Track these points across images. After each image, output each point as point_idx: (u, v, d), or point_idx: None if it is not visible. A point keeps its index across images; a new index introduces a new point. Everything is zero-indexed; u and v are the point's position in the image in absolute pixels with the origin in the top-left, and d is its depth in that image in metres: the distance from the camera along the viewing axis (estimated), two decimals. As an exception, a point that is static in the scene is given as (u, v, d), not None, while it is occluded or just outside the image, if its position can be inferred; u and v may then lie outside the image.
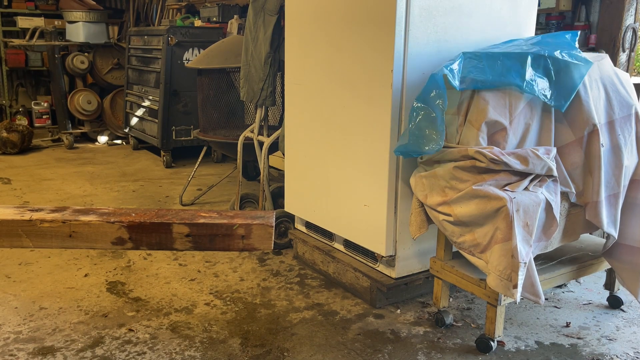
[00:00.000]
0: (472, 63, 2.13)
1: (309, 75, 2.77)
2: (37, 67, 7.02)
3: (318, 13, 2.66)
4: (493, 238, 2.00)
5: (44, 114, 6.86)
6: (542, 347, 2.24)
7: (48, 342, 2.24)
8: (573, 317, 2.47)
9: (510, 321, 2.42)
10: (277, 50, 3.13)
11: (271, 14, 3.10)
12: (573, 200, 2.19)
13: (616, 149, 2.20)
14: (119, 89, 6.36)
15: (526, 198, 1.98)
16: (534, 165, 2.04)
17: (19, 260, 3.07)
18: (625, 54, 3.01)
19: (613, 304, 2.55)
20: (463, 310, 2.52)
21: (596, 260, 2.40)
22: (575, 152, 2.18)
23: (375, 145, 2.40)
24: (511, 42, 2.36)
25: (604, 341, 2.29)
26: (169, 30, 5.06)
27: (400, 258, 2.48)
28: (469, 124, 2.12)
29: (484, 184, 2.03)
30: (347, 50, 2.50)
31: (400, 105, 2.32)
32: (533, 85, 2.08)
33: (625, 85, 2.28)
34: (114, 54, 6.72)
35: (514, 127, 2.11)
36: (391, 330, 2.36)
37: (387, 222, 2.41)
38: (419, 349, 2.21)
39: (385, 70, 2.30)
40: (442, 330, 2.35)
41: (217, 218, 1.47)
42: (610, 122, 2.21)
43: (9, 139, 5.72)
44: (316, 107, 2.74)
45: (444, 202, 2.11)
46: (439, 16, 2.34)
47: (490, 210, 1.99)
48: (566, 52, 2.12)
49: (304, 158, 2.90)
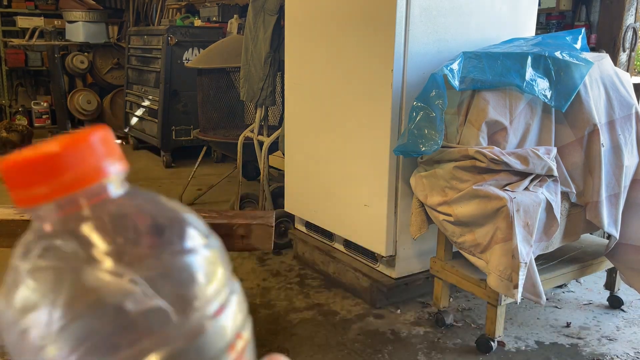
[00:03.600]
0: (472, 63, 2.12)
1: (309, 75, 2.77)
2: (37, 67, 7.02)
3: (318, 13, 2.65)
4: (493, 238, 2.00)
5: (44, 114, 6.86)
6: (543, 347, 2.23)
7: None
8: (573, 317, 2.47)
9: (510, 321, 2.42)
10: (277, 50, 3.13)
11: (271, 14, 3.09)
12: (573, 200, 2.19)
13: (616, 148, 2.20)
14: (119, 88, 6.36)
15: (526, 198, 1.98)
16: (535, 165, 2.04)
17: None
18: (626, 54, 3.01)
19: (613, 304, 2.55)
20: (463, 311, 2.52)
21: (597, 260, 2.39)
22: (576, 152, 2.18)
23: (376, 144, 2.40)
24: (511, 41, 2.36)
25: (604, 341, 2.28)
26: (169, 30, 5.05)
27: (400, 258, 2.47)
28: (469, 123, 2.12)
29: (484, 184, 2.03)
30: (347, 50, 2.49)
31: (400, 105, 2.32)
32: (533, 85, 2.07)
33: (626, 85, 2.28)
34: (114, 53, 6.72)
35: (514, 127, 2.11)
36: (391, 330, 2.36)
37: (387, 222, 2.41)
38: (419, 349, 2.21)
39: (386, 69, 2.29)
40: (442, 331, 2.34)
41: (216, 218, 1.46)
42: (611, 122, 2.21)
43: (9, 139, 5.72)
44: (316, 106, 2.74)
45: (444, 202, 2.11)
46: (439, 16, 2.33)
47: (491, 210, 1.98)
48: (567, 52, 2.12)
49: (304, 158, 2.89)
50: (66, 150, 0.26)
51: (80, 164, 0.26)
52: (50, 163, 0.25)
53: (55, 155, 0.25)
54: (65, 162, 0.26)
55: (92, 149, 0.26)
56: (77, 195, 0.26)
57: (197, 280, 0.26)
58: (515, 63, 2.09)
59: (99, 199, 0.27)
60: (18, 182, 0.26)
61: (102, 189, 0.27)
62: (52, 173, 0.25)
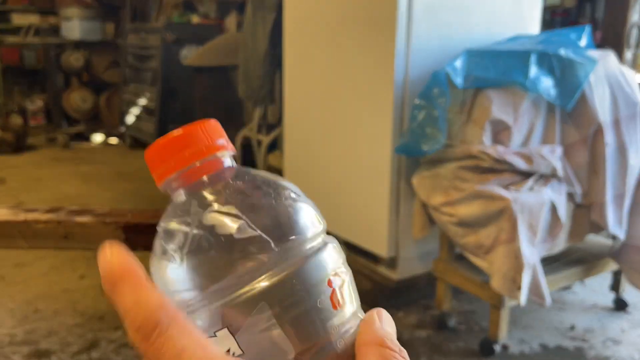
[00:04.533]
0: (475, 61, 2.09)
1: (309, 73, 2.73)
2: (32, 65, 6.95)
3: (318, 8, 2.61)
4: (497, 239, 1.96)
5: (39, 113, 6.79)
6: (547, 350, 2.20)
7: (43, 345, 2.19)
8: (578, 319, 2.44)
9: (514, 323, 2.38)
10: (276, 47, 3.09)
11: (270, 11, 3.05)
12: (578, 200, 2.15)
13: (622, 148, 2.17)
14: (115, 87, 6.31)
15: (531, 198, 1.95)
16: (539, 165, 2.01)
17: (14, 262, 3.01)
18: (631, 52, 2.97)
19: (618, 306, 2.52)
20: (466, 313, 2.48)
21: (601, 262, 2.36)
22: (580, 152, 2.14)
23: (377, 144, 2.36)
24: (515, 39, 2.32)
25: (609, 344, 2.25)
26: (166, 27, 5.01)
27: (402, 260, 2.43)
28: (472, 122, 2.08)
29: (488, 183, 1.99)
30: (348, 47, 2.45)
31: (402, 103, 2.28)
32: (537, 83, 2.04)
33: (631, 83, 2.25)
34: (110, 51, 6.66)
35: (518, 126, 2.08)
36: (393, 332, 2.31)
37: (389, 223, 2.37)
38: (421, 352, 2.17)
39: (387, 66, 2.25)
40: (444, 333, 2.31)
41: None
42: (616, 120, 2.18)
43: (3, 138, 5.66)
44: (316, 105, 2.70)
45: (447, 202, 2.07)
46: (442, 12, 2.29)
47: (494, 211, 1.95)
48: (571, 50, 2.09)
49: (303, 157, 2.85)
50: (186, 133, 0.33)
51: (197, 142, 0.33)
52: (174, 143, 0.33)
53: (178, 137, 0.33)
54: (185, 142, 0.33)
55: (206, 132, 0.34)
56: (196, 167, 0.33)
57: (293, 222, 0.32)
58: (519, 61, 2.05)
59: (214, 169, 0.33)
60: (155, 164, 0.34)
61: (217, 161, 0.34)
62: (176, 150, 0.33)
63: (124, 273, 0.29)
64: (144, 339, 0.28)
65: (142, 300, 0.28)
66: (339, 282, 0.32)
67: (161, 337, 0.27)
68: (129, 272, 0.29)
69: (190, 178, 0.33)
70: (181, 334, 0.28)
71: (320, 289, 0.31)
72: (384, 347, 0.31)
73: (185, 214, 0.32)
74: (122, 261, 0.29)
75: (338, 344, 0.31)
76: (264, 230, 0.31)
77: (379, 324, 0.33)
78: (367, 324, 0.32)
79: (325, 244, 0.33)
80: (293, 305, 0.30)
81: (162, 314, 0.28)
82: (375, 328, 0.32)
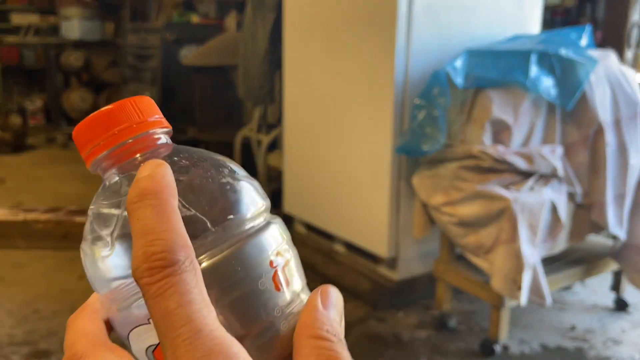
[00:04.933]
0: (475, 60, 2.09)
1: (309, 72, 2.72)
2: (32, 65, 6.94)
3: (318, 7, 2.60)
4: (497, 239, 1.96)
5: (38, 113, 6.79)
6: (547, 350, 2.20)
7: (42, 345, 2.18)
8: (578, 319, 2.43)
9: (514, 324, 2.38)
10: (275, 47, 3.08)
11: (270, 11, 3.05)
12: (579, 200, 2.15)
13: (622, 148, 2.16)
14: (115, 87, 6.30)
15: (531, 198, 1.94)
16: (539, 165, 2.00)
17: (13, 262, 3.01)
18: (631, 51, 2.97)
19: (619, 306, 2.51)
20: (467, 313, 2.48)
21: (602, 262, 2.36)
22: (581, 152, 2.14)
23: (377, 144, 2.35)
24: (516, 39, 2.32)
25: (609, 344, 2.24)
26: (166, 27, 5.00)
27: (402, 260, 2.43)
28: (472, 122, 2.08)
29: (488, 183, 1.99)
30: (347, 47, 2.45)
31: (402, 103, 2.28)
32: (538, 83, 2.04)
33: (632, 83, 2.24)
34: (110, 51, 6.65)
35: (518, 125, 2.07)
36: (393, 333, 2.31)
37: (389, 223, 2.37)
38: (421, 352, 2.17)
39: (387, 67, 2.25)
40: (445, 334, 2.30)
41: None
42: (617, 120, 2.17)
43: (3, 138, 5.66)
44: (316, 104, 2.70)
45: (447, 202, 2.07)
46: (442, 12, 2.29)
47: (494, 211, 1.95)
48: (572, 50, 2.09)
49: (303, 157, 2.85)
50: (116, 108, 0.31)
51: (129, 118, 0.31)
52: (103, 120, 0.31)
53: (108, 113, 0.31)
54: (116, 118, 0.31)
55: (138, 107, 0.31)
56: (127, 144, 0.31)
57: (232, 201, 0.31)
58: (519, 60, 2.05)
59: (148, 147, 0.31)
60: (83, 142, 0.31)
61: (150, 138, 0.32)
62: (106, 127, 0.30)
63: (163, 190, 0.26)
64: (153, 271, 0.25)
65: (170, 229, 0.25)
66: (282, 262, 0.31)
67: (173, 277, 0.24)
68: (169, 191, 0.26)
69: (122, 157, 0.31)
70: (194, 286, 0.25)
71: (262, 270, 0.30)
72: (320, 338, 0.29)
73: (116, 196, 0.30)
74: (167, 180, 0.27)
75: (282, 327, 0.30)
76: (200, 210, 0.29)
77: (321, 309, 0.30)
78: (308, 309, 0.30)
79: (267, 223, 0.32)
80: (232, 287, 0.28)
81: (183, 254, 0.25)
82: (315, 315, 0.29)
